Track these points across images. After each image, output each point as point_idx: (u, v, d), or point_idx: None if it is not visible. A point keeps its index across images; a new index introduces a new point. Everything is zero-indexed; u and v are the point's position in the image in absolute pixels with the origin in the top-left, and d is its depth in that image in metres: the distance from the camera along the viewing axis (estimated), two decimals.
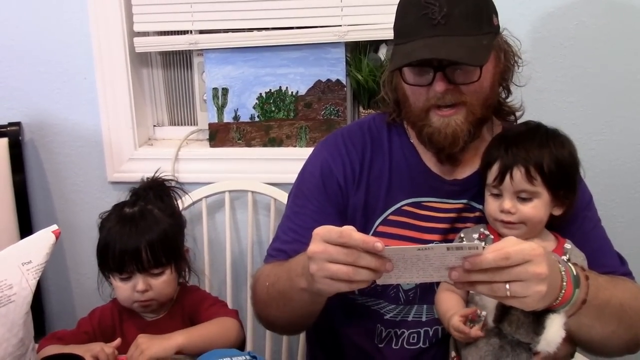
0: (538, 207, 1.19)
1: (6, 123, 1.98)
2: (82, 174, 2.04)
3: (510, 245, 0.93)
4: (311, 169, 1.36)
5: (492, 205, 1.22)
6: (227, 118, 1.95)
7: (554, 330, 1.03)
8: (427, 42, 1.14)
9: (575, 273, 1.03)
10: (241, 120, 1.95)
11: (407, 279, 0.98)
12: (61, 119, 2.01)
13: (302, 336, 1.78)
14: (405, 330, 1.31)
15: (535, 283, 0.93)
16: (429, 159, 1.31)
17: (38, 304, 2.09)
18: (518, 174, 1.18)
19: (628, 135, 1.75)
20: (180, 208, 1.55)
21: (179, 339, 1.26)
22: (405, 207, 1.30)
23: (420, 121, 1.22)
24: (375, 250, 0.93)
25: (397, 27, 1.22)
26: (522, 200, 1.19)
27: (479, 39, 1.16)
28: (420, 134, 1.24)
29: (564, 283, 1.00)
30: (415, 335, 1.31)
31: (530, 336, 1.07)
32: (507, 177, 1.18)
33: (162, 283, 1.38)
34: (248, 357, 1.10)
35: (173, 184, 1.52)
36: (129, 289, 1.37)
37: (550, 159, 1.18)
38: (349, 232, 0.95)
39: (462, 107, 1.19)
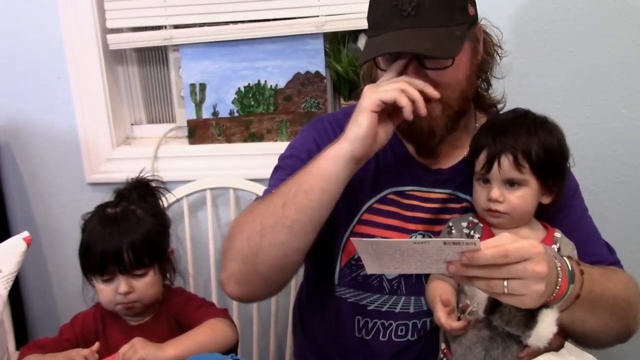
0: (526, 196, 1.17)
1: None
2: (59, 176, 2.01)
3: (510, 242, 0.91)
4: (297, 145, 1.34)
5: (480, 194, 1.21)
6: (206, 114, 1.92)
7: (546, 326, 1.01)
8: (396, 35, 1.11)
9: (570, 268, 1.02)
10: (220, 115, 1.91)
11: (405, 270, 0.97)
12: (36, 121, 1.97)
13: (289, 333, 1.76)
14: (392, 322, 1.29)
15: (534, 282, 0.91)
16: (412, 148, 1.29)
17: (19, 310, 2.06)
18: (506, 161, 1.16)
19: (611, 119, 1.73)
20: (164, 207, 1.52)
21: (170, 351, 1.22)
22: (390, 196, 1.28)
23: None
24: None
25: (369, 19, 1.20)
26: (510, 188, 1.17)
27: (451, 30, 1.12)
28: (398, 128, 1.21)
29: (559, 279, 0.98)
30: (403, 327, 1.29)
31: (522, 330, 1.05)
32: (495, 165, 1.16)
33: (145, 284, 1.35)
34: None
35: (157, 183, 1.49)
36: (111, 291, 1.34)
37: (539, 147, 1.16)
38: None
39: (437, 102, 1.15)
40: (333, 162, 1.12)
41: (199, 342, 1.27)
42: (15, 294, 2.03)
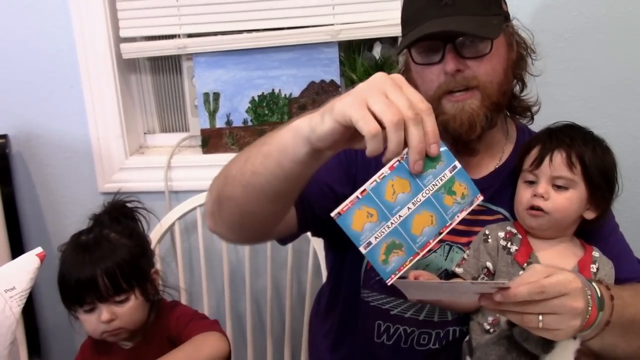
0: (573, 200, 1.14)
1: None
2: (72, 185, 2.00)
3: (544, 276, 0.89)
4: None
5: (523, 193, 1.17)
6: (220, 123, 1.90)
7: (562, 354, 0.99)
8: (435, 21, 1.12)
9: (600, 295, 0.98)
10: (234, 125, 1.90)
11: (434, 298, 0.99)
12: (48, 130, 1.96)
13: (304, 340, 1.74)
14: (415, 329, 1.27)
15: (571, 317, 0.90)
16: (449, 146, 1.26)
17: (32, 320, 2.05)
18: (558, 157, 1.13)
19: (631, 128, 1.71)
20: (146, 229, 1.45)
21: None
22: None
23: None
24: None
25: (404, 17, 1.19)
26: (557, 189, 1.14)
27: (488, 18, 1.14)
28: None
29: (589, 308, 0.95)
30: (426, 336, 1.27)
31: (539, 350, 1.04)
32: (547, 160, 1.14)
33: (128, 310, 1.29)
34: None
35: (135, 204, 1.43)
36: (94, 321, 1.28)
37: (594, 155, 1.14)
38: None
39: (475, 91, 1.14)
40: (293, 137, 0.92)
41: (180, 358, 1.24)
42: (28, 304, 2.01)
